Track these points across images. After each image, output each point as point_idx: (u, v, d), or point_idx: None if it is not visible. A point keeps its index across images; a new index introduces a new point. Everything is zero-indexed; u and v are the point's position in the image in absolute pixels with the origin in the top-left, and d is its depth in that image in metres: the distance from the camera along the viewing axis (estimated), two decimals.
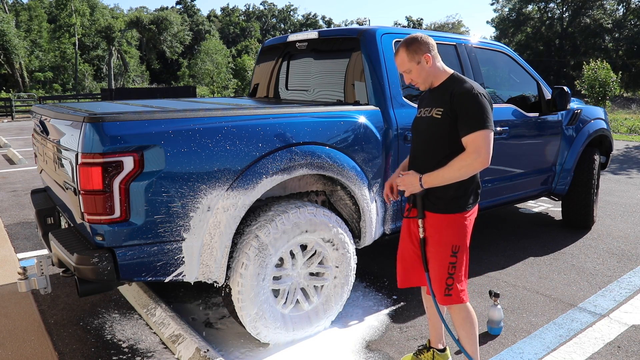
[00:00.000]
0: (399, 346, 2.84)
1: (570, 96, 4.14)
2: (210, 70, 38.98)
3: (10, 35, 34.42)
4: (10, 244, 4.63)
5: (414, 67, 2.21)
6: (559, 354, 2.74)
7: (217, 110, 2.50)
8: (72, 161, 2.25)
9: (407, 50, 2.20)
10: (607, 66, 16.48)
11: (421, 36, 2.22)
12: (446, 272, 2.21)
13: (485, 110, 2.08)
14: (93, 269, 2.19)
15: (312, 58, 3.80)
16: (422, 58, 2.19)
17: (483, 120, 2.06)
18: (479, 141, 2.06)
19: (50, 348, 2.82)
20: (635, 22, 37.82)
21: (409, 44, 2.20)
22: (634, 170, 8.44)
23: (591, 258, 4.22)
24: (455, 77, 2.23)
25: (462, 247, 2.22)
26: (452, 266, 2.21)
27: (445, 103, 2.16)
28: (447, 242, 2.21)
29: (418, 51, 2.19)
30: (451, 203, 2.20)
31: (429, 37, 2.23)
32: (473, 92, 2.10)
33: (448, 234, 2.21)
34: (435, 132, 2.21)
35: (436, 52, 2.24)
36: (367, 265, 4.01)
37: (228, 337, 2.93)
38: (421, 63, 2.20)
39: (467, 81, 2.18)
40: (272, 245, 2.58)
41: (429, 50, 2.20)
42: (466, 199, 2.21)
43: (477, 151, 2.06)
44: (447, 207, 2.20)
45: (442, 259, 2.22)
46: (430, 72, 2.23)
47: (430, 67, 2.21)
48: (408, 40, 2.21)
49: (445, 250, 2.21)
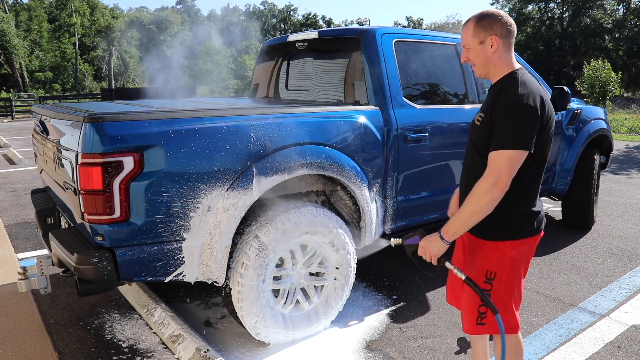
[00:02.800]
0: (399, 346, 2.84)
1: (570, 96, 4.13)
2: (211, 70, 38.98)
3: (10, 35, 34.41)
4: (10, 244, 4.63)
5: (475, 46, 1.85)
6: (559, 354, 2.74)
7: (217, 110, 2.50)
8: (72, 161, 2.25)
9: (476, 23, 1.84)
10: (608, 66, 16.48)
11: (500, 14, 1.83)
12: (479, 299, 1.89)
13: (524, 126, 1.71)
14: (93, 269, 2.19)
15: (312, 58, 3.80)
16: (488, 38, 1.82)
17: (516, 138, 1.70)
18: (500, 162, 1.72)
19: (50, 348, 2.82)
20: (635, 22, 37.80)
21: (481, 17, 1.83)
22: (634, 170, 8.44)
23: (591, 258, 4.22)
24: (515, 75, 1.81)
25: (499, 275, 1.87)
26: (484, 293, 1.85)
27: (488, 108, 1.81)
28: (478, 265, 1.90)
29: (487, 29, 1.81)
30: (496, 227, 1.85)
31: (509, 18, 1.85)
32: (521, 101, 1.71)
33: (484, 257, 1.90)
34: (476, 143, 1.88)
35: (510, 41, 1.84)
36: (367, 265, 4.01)
37: (228, 337, 2.93)
38: (485, 44, 1.83)
39: (527, 84, 1.76)
40: (272, 245, 2.58)
41: (501, 34, 1.81)
42: (510, 225, 1.84)
43: (495, 174, 1.72)
44: (488, 231, 1.87)
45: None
46: (491, 59, 1.84)
47: (493, 53, 1.83)
48: (483, 13, 1.85)
49: (477, 275, 1.90)
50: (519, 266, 1.90)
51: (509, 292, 1.90)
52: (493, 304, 1.82)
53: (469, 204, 1.77)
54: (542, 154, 1.84)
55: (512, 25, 1.85)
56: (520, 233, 1.86)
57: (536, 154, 1.80)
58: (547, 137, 1.82)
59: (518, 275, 1.91)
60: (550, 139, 1.85)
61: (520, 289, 1.95)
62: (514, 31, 1.86)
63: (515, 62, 1.87)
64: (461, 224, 1.80)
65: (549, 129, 1.81)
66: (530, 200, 1.87)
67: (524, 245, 1.88)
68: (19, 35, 35.94)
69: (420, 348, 2.81)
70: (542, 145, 1.81)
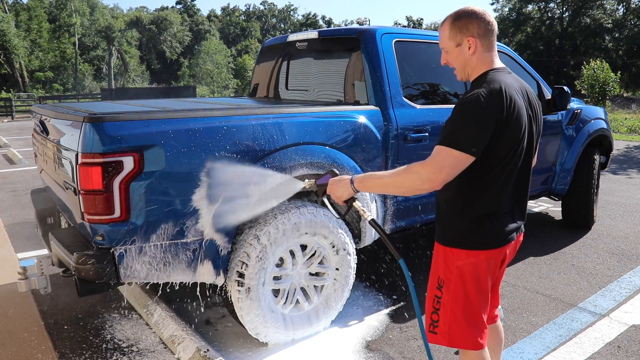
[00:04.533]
0: (399, 346, 2.84)
1: (570, 96, 4.13)
2: (211, 70, 39.00)
3: (10, 35, 34.43)
4: (10, 244, 4.63)
5: (452, 49, 1.73)
6: (559, 354, 2.74)
7: (217, 110, 2.50)
8: (72, 161, 2.25)
9: (451, 24, 1.72)
10: (607, 66, 16.48)
11: (476, 12, 1.68)
12: (431, 305, 1.83)
13: (468, 125, 1.57)
14: (93, 269, 2.19)
15: (312, 58, 3.80)
16: (465, 40, 1.70)
17: (457, 137, 1.57)
18: (441, 156, 1.59)
19: (50, 348, 2.82)
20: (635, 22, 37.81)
21: (456, 18, 1.71)
22: (634, 170, 8.44)
23: (591, 258, 4.22)
24: (486, 75, 1.69)
25: (447, 283, 1.76)
26: (436, 300, 1.80)
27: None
28: (434, 270, 1.83)
29: (463, 29, 1.69)
30: (446, 231, 1.77)
31: (487, 15, 1.70)
32: (470, 100, 1.58)
33: (437, 262, 1.82)
34: None
35: (490, 40, 1.71)
36: (367, 265, 4.01)
37: (228, 337, 2.93)
38: (462, 46, 1.71)
39: (492, 83, 1.62)
40: (272, 245, 2.58)
41: (478, 34, 1.68)
42: (457, 232, 1.73)
43: (436, 167, 1.60)
44: (441, 235, 1.80)
45: (429, 288, 1.85)
46: (469, 61, 1.72)
47: (471, 55, 1.71)
48: (459, 12, 1.71)
49: (432, 279, 1.83)
50: (471, 279, 1.73)
51: (458, 303, 1.75)
52: (396, 251, 1.82)
53: (398, 175, 1.69)
54: (505, 159, 1.65)
55: (491, 22, 1.70)
56: (466, 243, 1.72)
57: (494, 158, 1.64)
58: (510, 140, 1.63)
59: (471, 289, 1.74)
60: (519, 143, 1.66)
61: (479, 305, 1.76)
62: (493, 29, 1.71)
63: (495, 62, 1.74)
64: (377, 185, 1.78)
65: (511, 132, 1.61)
66: (486, 209, 1.70)
67: (472, 257, 1.71)
68: (19, 35, 35.96)
69: (420, 348, 2.81)
70: (503, 150, 1.63)
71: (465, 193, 1.71)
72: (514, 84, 1.69)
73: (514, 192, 1.74)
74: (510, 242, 1.78)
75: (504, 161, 1.66)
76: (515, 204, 1.77)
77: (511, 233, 1.76)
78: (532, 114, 1.74)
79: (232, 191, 2.37)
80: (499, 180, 1.68)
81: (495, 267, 1.79)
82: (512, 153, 1.66)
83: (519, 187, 1.76)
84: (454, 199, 1.74)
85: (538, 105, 1.81)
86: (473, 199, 1.71)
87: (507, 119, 1.60)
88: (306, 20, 70.99)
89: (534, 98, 1.78)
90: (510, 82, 1.67)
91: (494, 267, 1.77)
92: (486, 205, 1.70)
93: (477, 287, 1.75)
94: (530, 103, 1.74)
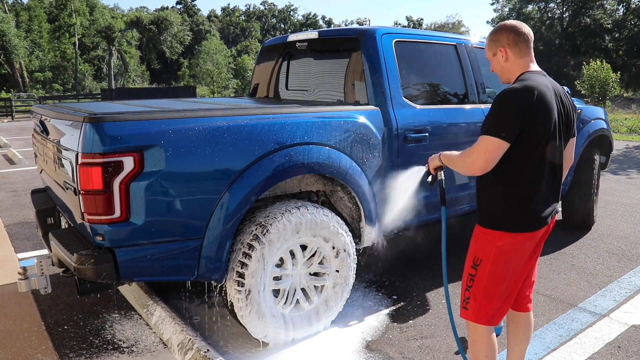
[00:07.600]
0: (399, 346, 2.84)
1: (571, 96, 4.13)
2: (211, 70, 38.99)
3: (10, 35, 34.41)
4: (10, 244, 4.63)
5: (491, 58, 2.08)
6: (559, 354, 2.74)
7: (217, 110, 2.50)
8: (72, 161, 2.25)
9: (488, 38, 2.06)
10: (608, 67, 16.48)
11: (506, 25, 2.01)
12: (465, 283, 2.07)
13: (499, 114, 1.85)
14: (93, 269, 2.19)
15: (312, 58, 3.80)
16: (498, 51, 2.03)
17: (491, 125, 1.86)
18: (478, 143, 1.89)
19: (50, 348, 2.82)
20: (635, 22, 37.79)
21: (491, 32, 2.06)
22: (634, 170, 8.44)
23: (591, 258, 4.22)
24: (523, 75, 1.97)
25: (484, 262, 1.99)
26: (470, 277, 2.04)
27: None
28: (471, 250, 2.07)
29: (496, 42, 2.02)
30: (487, 215, 2.01)
31: (517, 26, 1.99)
32: (503, 94, 1.86)
33: (475, 242, 2.06)
34: None
35: (520, 47, 1.99)
36: (368, 265, 4.01)
37: (228, 337, 2.93)
38: (497, 56, 2.04)
39: (524, 81, 1.90)
40: (272, 245, 2.58)
41: (508, 44, 1.99)
42: (498, 215, 1.97)
43: (474, 154, 1.89)
44: (483, 218, 2.04)
45: (465, 267, 2.09)
46: (505, 67, 2.04)
47: (505, 62, 2.03)
48: (495, 27, 2.06)
49: (468, 259, 2.08)
50: (508, 259, 1.97)
51: (492, 281, 1.99)
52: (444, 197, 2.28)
53: (459, 156, 2.00)
54: (538, 149, 1.89)
55: (519, 32, 1.98)
56: (506, 226, 1.95)
57: (526, 148, 1.88)
58: (540, 131, 1.87)
59: (506, 268, 1.98)
60: (549, 135, 1.89)
61: (510, 284, 2.02)
62: (524, 38, 1.98)
63: (530, 65, 2.01)
64: (449, 161, 2.09)
65: (540, 123, 1.86)
66: (523, 195, 1.94)
67: (511, 238, 1.95)
68: (19, 36, 35.94)
69: (420, 348, 2.81)
70: (534, 140, 1.87)
71: (505, 181, 1.94)
72: (545, 82, 1.94)
73: (548, 180, 1.97)
74: (545, 225, 2.00)
75: (536, 151, 1.89)
76: (550, 191, 2.00)
77: (547, 217, 2.00)
78: (564, 111, 1.99)
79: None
80: (534, 169, 1.92)
81: (531, 247, 2.02)
82: (543, 143, 1.89)
83: (552, 176, 1.99)
84: (496, 186, 1.97)
85: (571, 105, 2.06)
86: (512, 186, 1.94)
87: (534, 110, 1.83)
88: (306, 20, 71.01)
89: (567, 99, 2.03)
90: (541, 81, 1.92)
91: (529, 248, 2.01)
92: (524, 191, 1.94)
93: (510, 266, 1.98)
94: (562, 102, 1.99)
